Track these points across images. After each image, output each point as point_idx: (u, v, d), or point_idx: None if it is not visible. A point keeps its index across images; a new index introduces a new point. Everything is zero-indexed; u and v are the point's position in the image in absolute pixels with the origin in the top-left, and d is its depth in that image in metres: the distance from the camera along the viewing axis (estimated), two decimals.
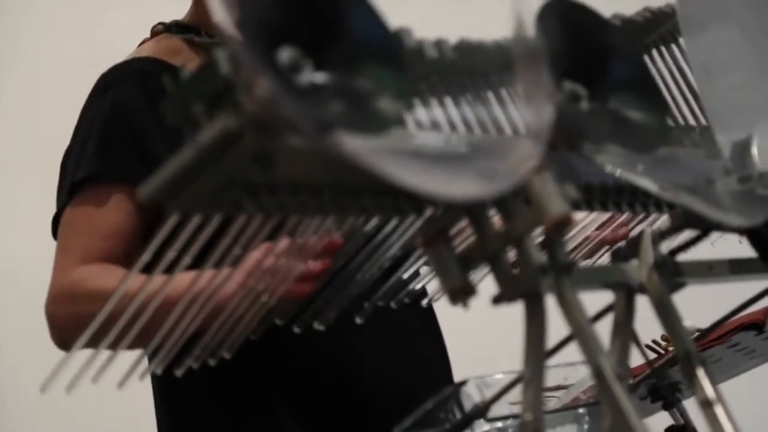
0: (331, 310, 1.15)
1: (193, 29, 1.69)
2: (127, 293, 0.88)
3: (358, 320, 1.19)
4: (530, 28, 0.88)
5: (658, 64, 1.13)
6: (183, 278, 0.92)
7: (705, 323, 1.43)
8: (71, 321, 1.47)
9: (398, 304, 1.24)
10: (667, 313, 0.99)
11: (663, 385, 1.91)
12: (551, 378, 1.41)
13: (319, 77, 0.81)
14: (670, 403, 1.94)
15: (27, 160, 3.09)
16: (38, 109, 3.11)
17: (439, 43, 0.96)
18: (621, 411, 0.88)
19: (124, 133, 1.59)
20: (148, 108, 1.54)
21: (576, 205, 1.06)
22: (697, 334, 1.65)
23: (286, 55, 0.79)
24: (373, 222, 0.99)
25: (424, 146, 0.83)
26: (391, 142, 0.80)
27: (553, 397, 1.46)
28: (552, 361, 1.19)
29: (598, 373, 0.90)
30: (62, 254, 1.58)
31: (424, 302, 1.35)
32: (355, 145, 0.76)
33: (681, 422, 1.96)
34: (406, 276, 1.14)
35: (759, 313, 1.73)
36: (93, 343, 0.92)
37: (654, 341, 1.93)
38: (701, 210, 0.93)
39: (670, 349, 1.86)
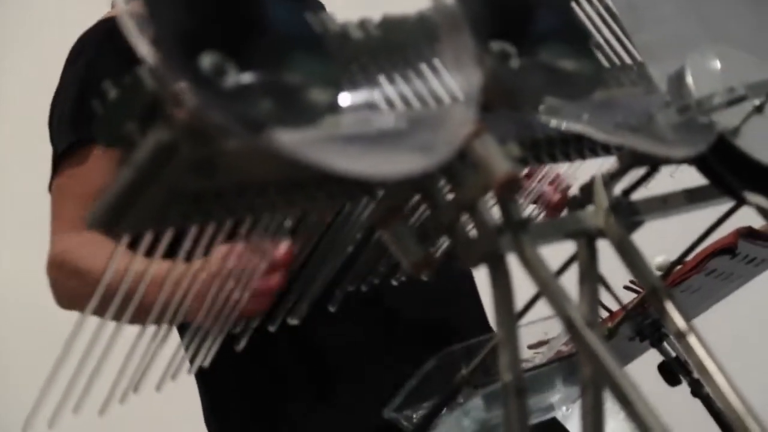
0: (302, 304, 1.16)
1: None
2: (114, 275, 0.89)
3: (331, 308, 1.19)
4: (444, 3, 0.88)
5: (586, 8, 1.14)
6: (161, 266, 0.93)
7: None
8: (65, 292, 1.55)
9: (369, 286, 1.25)
10: (628, 254, 1.00)
11: (646, 324, 1.92)
12: (531, 335, 1.42)
13: (245, 77, 0.81)
14: (658, 340, 1.95)
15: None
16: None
17: (362, 23, 0.96)
18: (597, 358, 0.89)
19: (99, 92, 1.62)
20: (121, 65, 1.55)
21: (524, 161, 1.07)
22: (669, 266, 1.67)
23: (207, 61, 0.80)
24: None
25: (360, 129, 0.84)
26: (326, 131, 0.81)
27: (537, 353, 1.47)
28: (528, 317, 1.21)
29: (569, 325, 0.91)
30: (55, 222, 1.66)
31: None
32: (290, 139, 0.77)
33: (672, 355, 1.98)
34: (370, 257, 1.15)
35: (730, 236, 1.74)
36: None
37: (631, 281, 1.95)
38: (645, 147, 0.94)
39: None
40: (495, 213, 0.95)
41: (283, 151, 0.74)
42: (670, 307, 0.93)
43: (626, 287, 1.82)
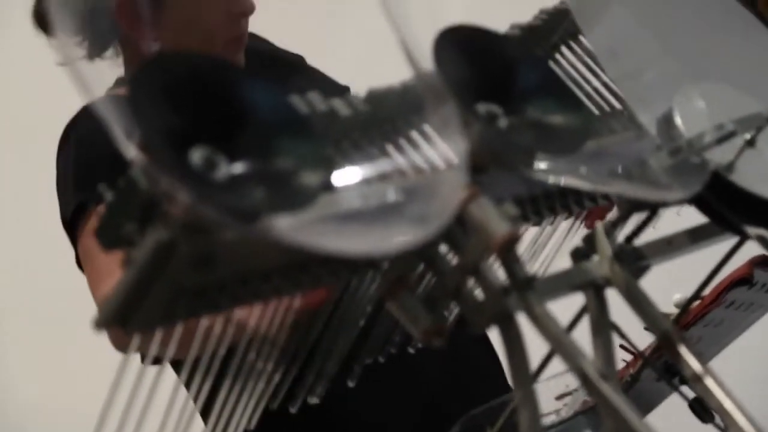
0: (320, 382, 1.16)
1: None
2: None
3: (350, 384, 1.20)
4: (427, 64, 0.90)
5: (571, 59, 1.15)
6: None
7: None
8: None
9: (386, 357, 1.26)
10: (637, 301, 1.00)
11: (672, 362, 1.91)
12: (554, 388, 1.42)
13: (236, 168, 0.83)
14: (686, 377, 1.94)
15: None
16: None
17: (349, 100, 0.98)
18: (617, 411, 0.89)
19: (97, 159, 1.65)
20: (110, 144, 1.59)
21: (525, 218, 1.08)
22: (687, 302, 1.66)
23: (197, 156, 0.81)
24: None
25: (356, 205, 0.85)
26: (321, 211, 0.82)
27: (565, 405, 1.47)
28: (551, 368, 1.21)
29: (585, 380, 0.92)
30: (95, 284, 1.68)
31: None
32: (285, 225, 0.78)
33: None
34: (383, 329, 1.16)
35: (744, 267, 1.74)
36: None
37: None
38: (640, 194, 0.95)
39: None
40: (501, 273, 0.96)
41: (280, 239, 0.75)
42: (684, 351, 0.94)
43: (647, 328, 1.82)
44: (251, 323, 0.99)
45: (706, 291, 1.80)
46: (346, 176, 0.91)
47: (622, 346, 1.67)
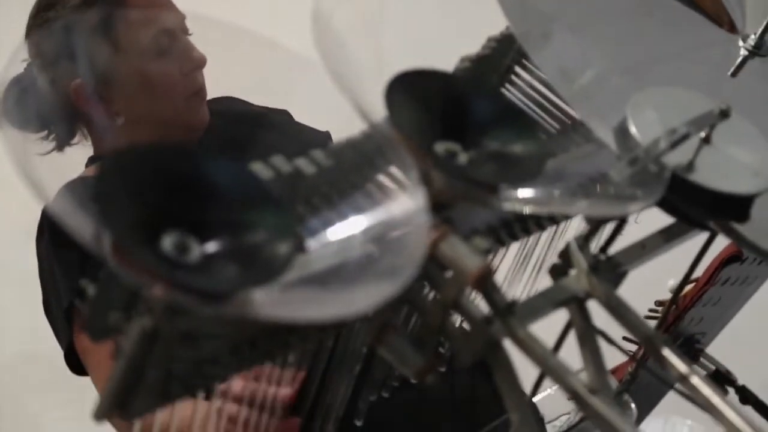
0: (328, 426, 1.19)
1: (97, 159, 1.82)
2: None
3: (357, 423, 1.22)
4: (377, 115, 0.92)
5: (523, 83, 1.17)
6: (185, 411, 0.96)
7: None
8: None
9: (389, 391, 1.28)
10: (618, 310, 1.02)
11: (680, 342, 1.93)
12: (558, 400, 1.44)
13: (209, 247, 0.85)
14: (695, 357, 1.96)
15: None
16: None
17: (311, 157, 1.00)
18: (607, 423, 0.91)
19: (76, 254, 1.66)
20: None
21: (500, 242, 1.10)
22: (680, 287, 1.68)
23: (169, 241, 0.83)
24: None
25: (328, 265, 0.87)
26: (294, 276, 0.84)
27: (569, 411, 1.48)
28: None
29: (575, 396, 0.93)
30: (94, 372, 1.71)
31: None
32: (260, 299, 0.80)
33: (712, 369, 1.99)
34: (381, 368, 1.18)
35: (733, 245, 1.75)
36: None
37: (650, 309, 1.96)
38: (603, 212, 0.96)
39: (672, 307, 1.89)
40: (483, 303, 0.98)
41: (255, 315, 0.77)
42: (667, 353, 0.95)
43: (648, 317, 1.84)
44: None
45: (700, 273, 1.82)
46: (316, 236, 0.93)
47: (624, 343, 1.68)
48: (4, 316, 3.16)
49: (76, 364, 1.76)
